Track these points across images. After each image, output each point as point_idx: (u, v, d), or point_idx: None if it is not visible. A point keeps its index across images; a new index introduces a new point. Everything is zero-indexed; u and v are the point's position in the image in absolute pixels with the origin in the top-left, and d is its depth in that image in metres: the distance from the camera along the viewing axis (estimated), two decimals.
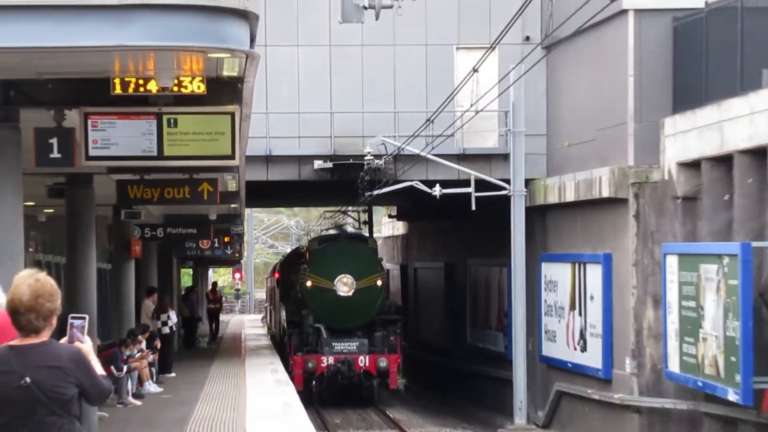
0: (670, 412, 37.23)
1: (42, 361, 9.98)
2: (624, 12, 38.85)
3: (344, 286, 40.06)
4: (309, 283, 41.40)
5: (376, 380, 40.06)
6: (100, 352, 15.63)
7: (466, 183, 43.15)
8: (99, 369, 10.40)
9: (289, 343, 41.82)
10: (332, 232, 44.45)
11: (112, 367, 28.59)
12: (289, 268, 52.31)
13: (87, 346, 10.42)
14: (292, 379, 35.13)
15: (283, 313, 45.89)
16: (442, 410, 46.25)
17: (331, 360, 39.35)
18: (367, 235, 46.66)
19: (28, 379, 9.79)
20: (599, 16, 36.93)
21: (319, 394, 39.61)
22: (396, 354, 41.73)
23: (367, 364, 39.50)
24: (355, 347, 40.09)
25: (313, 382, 38.77)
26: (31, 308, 9.97)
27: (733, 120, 34.19)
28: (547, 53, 43.61)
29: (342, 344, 39.84)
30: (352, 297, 40.67)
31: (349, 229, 45.25)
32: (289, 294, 47.38)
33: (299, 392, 30.21)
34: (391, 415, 38.17)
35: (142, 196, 35.22)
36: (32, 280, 10.10)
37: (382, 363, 39.61)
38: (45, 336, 10.07)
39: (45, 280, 10.22)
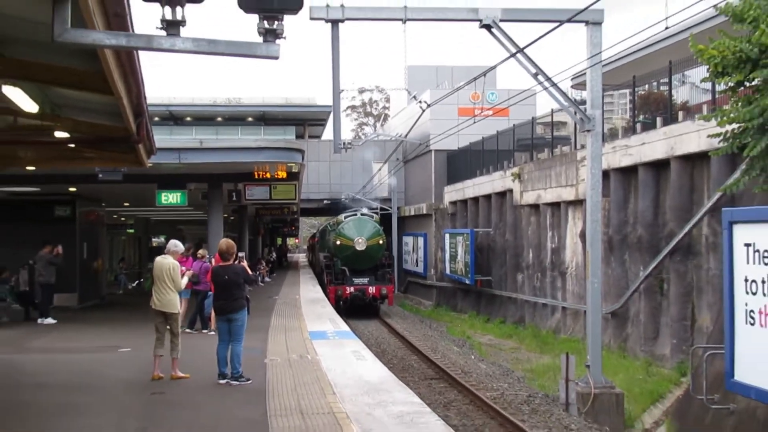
0: (446, 288, 37.07)
1: (231, 271, 10.48)
2: (430, 150, 38.32)
3: (360, 243, 31.25)
4: (338, 242, 32.00)
5: (379, 301, 32.16)
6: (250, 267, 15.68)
7: (376, 209, 42.93)
8: (251, 273, 11.16)
9: (326, 278, 32.92)
10: (352, 212, 35.08)
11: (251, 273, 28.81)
12: (323, 234, 43.09)
13: (245, 264, 11.12)
14: (329, 299, 27.58)
15: (321, 258, 36.75)
16: None
17: (352, 289, 31.06)
18: (373, 214, 36.82)
19: (226, 276, 10.44)
20: (423, 152, 37.82)
21: (345, 310, 29.89)
22: (391, 285, 32.61)
23: (374, 292, 31.33)
24: (366, 281, 31.57)
25: (341, 302, 30.26)
26: (227, 251, 10.66)
27: (467, 188, 34.45)
28: (405, 164, 43.94)
29: (359, 279, 31.58)
30: (365, 250, 31.53)
31: (363, 210, 35.43)
32: (324, 248, 38.54)
33: (333, 307, 24.40)
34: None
35: (264, 213, 35.69)
36: (227, 240, 10.84)
37: (384, 291, 31.48)
38: (231, 261, 10.58)
39: (231, 241, 10.92)
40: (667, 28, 10.70)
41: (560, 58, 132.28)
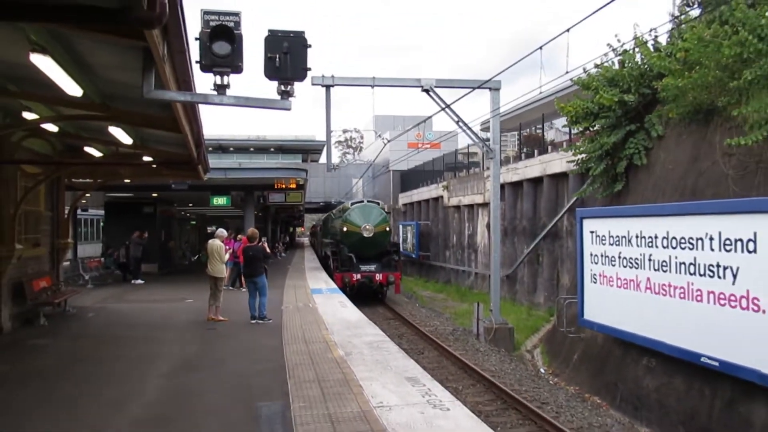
0: (408, 260, 36.43)
1: (255, 249, 10.20)
2: (390, 170, 38.03)
3: (367, 230, 21.01)
4: (345, 229, 21.91)
5: (385, 288, 21.73)
6: (270, 247, 15.17)
7: None
8: (269, 251, 10.96)
9: (332, 264, 22.46)
10: (359, 200, 24.34)
11: (270, 251, 27.46)
12: (326, 222, 32.65)
13: (265, 245, 10.79)
14: (336, 285, 19.05)
15: (326, 243, 26.96)
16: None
17: (359, 276, 20.74)
18: (380, 202, 25.13)
19: (251, 253, 10.17)
20: (385, 171, 37.42)
21: (352, 296, 18.44)
22: (398, 272, 21.94)
23: (381, 279, 20.90)
24: (373, 268, 21.12)
25: (348, 289, 19.87)
26: (252, 236, 10.39)
27: (414, 195, 33.92)
28: (373, 179, 42.99)
29: (366, 266, 21.20)
30: (372, 237, 21.28)
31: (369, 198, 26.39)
32: (328, 234, 28.40)
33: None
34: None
35: (281, 211, 34.77)
36: (253, 229, 10.54)
37: (391, 278, 20.86)
38: (256, 243, 10.32)
39: (255, 229, 10.58)
40: (540, 93, 10.86)
41: (475, 108, 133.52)
